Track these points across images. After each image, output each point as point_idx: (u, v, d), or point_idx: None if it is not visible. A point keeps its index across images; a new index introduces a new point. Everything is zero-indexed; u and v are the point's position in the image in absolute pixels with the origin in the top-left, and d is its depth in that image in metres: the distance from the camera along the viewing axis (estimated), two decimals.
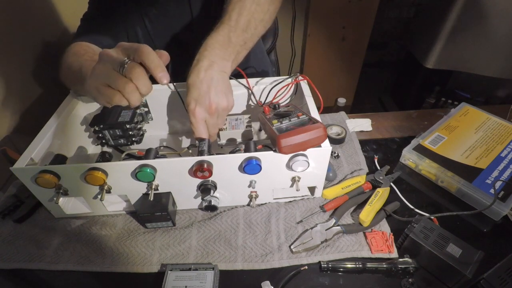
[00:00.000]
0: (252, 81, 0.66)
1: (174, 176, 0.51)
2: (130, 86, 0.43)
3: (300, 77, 0.64)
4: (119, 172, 0.49)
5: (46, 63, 0.89)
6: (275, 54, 1.03)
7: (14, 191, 0.61)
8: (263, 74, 0.90)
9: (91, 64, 0.50)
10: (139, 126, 0.62)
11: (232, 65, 0.55)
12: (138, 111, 0.61)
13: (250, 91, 0.65)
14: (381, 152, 0.70)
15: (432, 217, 0.53)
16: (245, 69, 0.87)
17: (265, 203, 0.59)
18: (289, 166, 0.51)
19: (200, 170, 0.48)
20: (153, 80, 0.47)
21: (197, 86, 0.50)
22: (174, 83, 0.61)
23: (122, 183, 0.51)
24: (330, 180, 0.63)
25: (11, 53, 0.79)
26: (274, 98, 0.64)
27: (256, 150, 0.52)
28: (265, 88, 0.66)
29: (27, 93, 0.85)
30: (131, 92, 0.43)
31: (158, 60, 0.44)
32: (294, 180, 0.54)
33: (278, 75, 0.99)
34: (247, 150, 0.53)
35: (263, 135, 0.69)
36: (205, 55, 0.52)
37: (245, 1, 0.56)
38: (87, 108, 0.66)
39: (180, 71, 0.52)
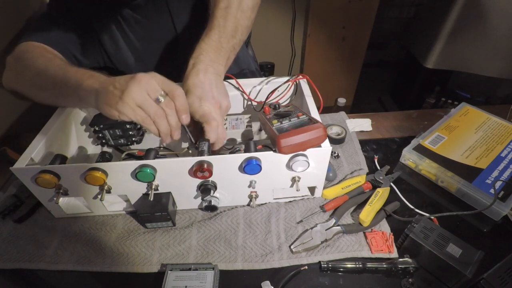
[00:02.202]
0: (252, 81, 0.66)
1: (174, 176, 0.51)
2: (162, 115, 0.48)
3: (300, 76, 0.64)
4: (119, 172, 0.50)
5: None
6: (251, 48, 1.04)
7: (14, 191, 0.61)
8: (251, 72, 0.92)
9: (90, 79, 0.50)
10: (139, 126, 0.62)
11: (224, 69, 0.57)
12: None
13: (246, 97, 0.65)
14: (381, 152, 0.70)
15: (432, 217, 0.53)
16: (242, 70, 0.88)
17: (265, 203, 0.59)
18: (289, 166, 0.51)
19: (200, 170, 0.48)
20: None
21: (199, 86, 0.51)
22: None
23: (122, 183, 0.51)
24: (330, 180, 0.63)
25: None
26: (270, 96, 0.64)
27: (256, 150, 0.52)
28: (264, 88, 0.66)
29: None
30: (162, 121, 0.49)
31: (185, 104, 0.49)
32: (294, 180, 0.54)
33: (260, 69, 1.00)
34: (247, 150, 0.53)
35: (263, 135, 0.69)
36: (201, 59, 0.53)
37: (231, 8, 0.58)
38: (87, 108, 0.66)
39: (163, 72, 0.53)
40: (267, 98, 0.63)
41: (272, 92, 0.62)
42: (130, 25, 0.72)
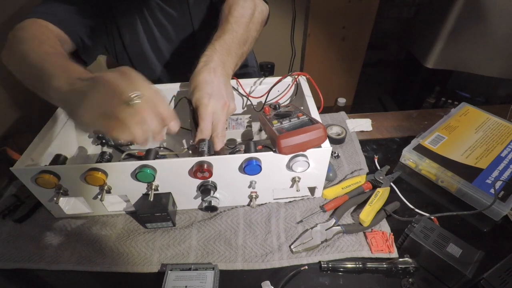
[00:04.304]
0: (252, 81, 0.66)
1: (174, 176, 0.51)
2: (138, 118, 0.37)
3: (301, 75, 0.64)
4: (119, 173, 0.49)
5: None
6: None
7: (14, 191, 0.61)
8: (252, 72, 0.94)
9: (60, 72, 0.43)
10: None
11: (232, 73, 0.58)
12: None
13: (246, 97, 0.66)
14: (381, 152, 0.70)
15: (432, 217, 0.53)
16: (242, 70, 0.88)
17: (265, 203, 0.59)
18: (289, 167, 0.51)
19: (200, 170, 0.48)
20: None
21: (210, 83, 0.52)
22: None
23: (122, 184, 0.51)
24: (330, 180, 0.63)
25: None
26: (269, 91, 0.64)
27: (256, 151, 0.52)
28: (264, 88, 0.66)
29: (28, 93, 0.85)
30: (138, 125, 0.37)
31: (170, 111, 0.41)
32: (294, 181, 0.54)
33: (260, 69, 1.01)
34: (247, 150, 0.53)
35: (263, 135, 0.69)
36: (214, 58, 0.54)
37: (245, 17, 0.61)
38: None
39: (178, 63, 0.52)
40: (267, 96, 0.63)
41: (272, 87, 0.62)
42: (151, 11, 0.72)
